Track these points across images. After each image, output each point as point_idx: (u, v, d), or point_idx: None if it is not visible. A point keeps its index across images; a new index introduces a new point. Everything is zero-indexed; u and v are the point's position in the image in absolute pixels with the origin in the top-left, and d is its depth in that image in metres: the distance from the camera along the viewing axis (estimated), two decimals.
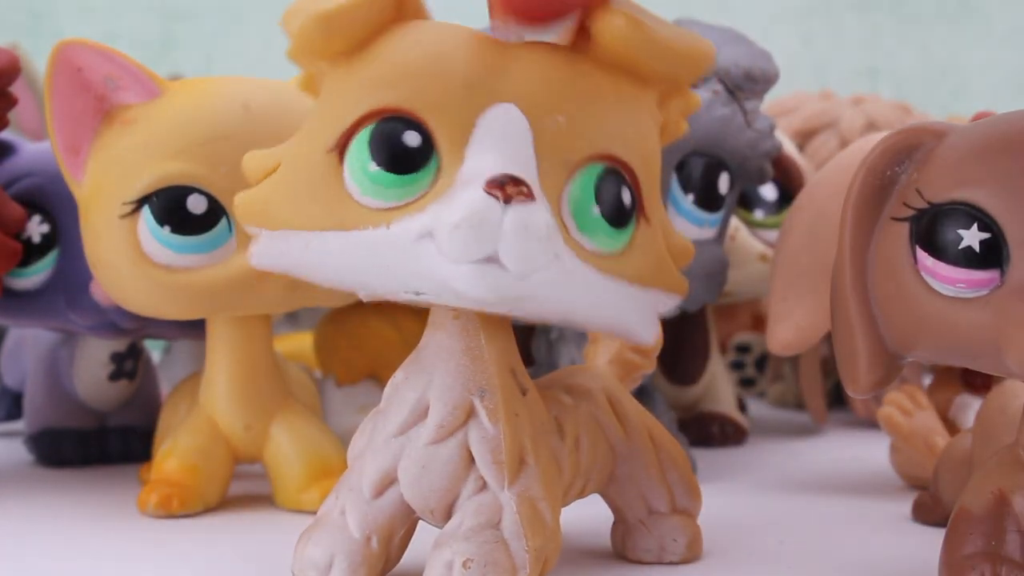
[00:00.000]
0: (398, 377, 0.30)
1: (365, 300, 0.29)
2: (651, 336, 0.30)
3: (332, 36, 0.28)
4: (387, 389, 0.30)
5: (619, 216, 0.28)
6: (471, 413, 0.29)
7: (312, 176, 0.28)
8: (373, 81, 0.28)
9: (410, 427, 0.29)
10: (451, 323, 0.29)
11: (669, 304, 0.30)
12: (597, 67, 0.29)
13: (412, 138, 0.27)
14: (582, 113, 0.28)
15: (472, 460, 0.29)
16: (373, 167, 0.27)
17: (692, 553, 0.34)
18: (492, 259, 0.26)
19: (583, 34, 0.29)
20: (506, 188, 0.26)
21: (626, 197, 0.28)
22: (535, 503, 0.28)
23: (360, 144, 0.27)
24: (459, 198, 0.26)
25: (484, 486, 0.28)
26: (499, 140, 0.27)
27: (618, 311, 0.29)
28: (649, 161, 0.30)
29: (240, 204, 0.29)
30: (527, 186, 0.26)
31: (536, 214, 0.26)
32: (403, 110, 0.27)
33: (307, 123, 0.29)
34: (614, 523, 0.34)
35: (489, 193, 0.26)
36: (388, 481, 0.29)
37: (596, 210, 0.28)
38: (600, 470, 0.33)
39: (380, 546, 0.29)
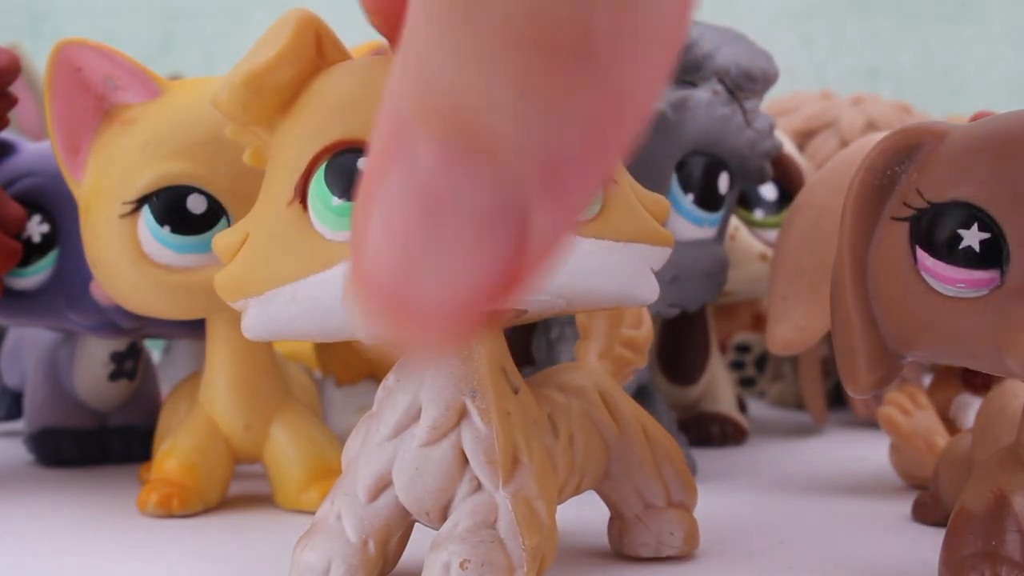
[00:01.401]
0: (389, 380, 0.30)
1: (368, 343, 0.29)
2: (652, 294, 0.30)
3: (262, 95, 0.29)
4: (379, 392, 0.30)
5: None
6: (463, 414, 0.29)
7: (281, 232, 0.28)
8: (315, 123, 0.28)
9: (403, 429, 0.29)
10: None
11: (660, 258, 0.30)
12: None
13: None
14: None
15: (466, 461, 0.29)
16: (336, 201, 0.28)
17: (689, 546, 0.34)
18: None
19: None
20: None
21: None
22: (530, 502, 0.28)
23: (318, 184, 0.28)
24: None
25: (479, 486, 0.28)
26: None
27: (610, 274, 0.29)
28: None
29: (220, 284, 0.30)
30: None
31: None
32: (352, 140, 0.28)
33: (263, 189, 0.30)
34: (610, 519, 0.34)
35: None
36: (383, 484, 0.29)
37: None
38: (595, 466, 0.33)
39: (377, 549, 0.29)
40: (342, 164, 0.28)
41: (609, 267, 0.29)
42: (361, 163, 0.27)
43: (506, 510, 0.28)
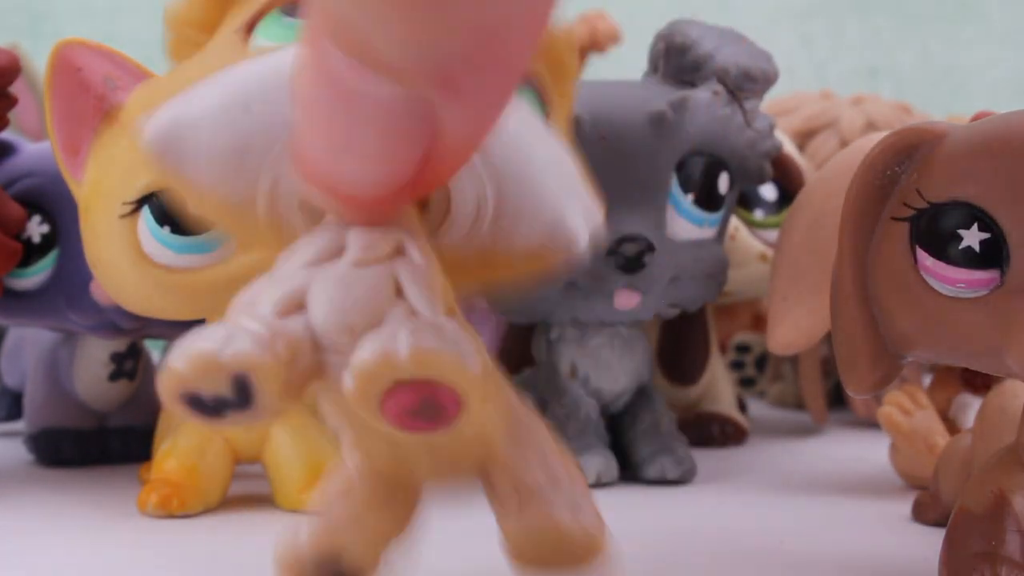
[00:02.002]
0: (297, 241, 0.25)
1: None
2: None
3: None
4: (279, 258, 0.26)
5: None
6: (400, 249, 0.24)
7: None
8: None
9: (325, 260, 0.24)
10: None
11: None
12: None
13: None
14: None
15: (399, 293, 0.24)
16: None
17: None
18: None
19: None
20: None
21: None
22: (472, 331, 0.24)
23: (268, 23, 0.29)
24: None
25: (412, 314, 0.23)
26: None
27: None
28: None
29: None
30: None
31: None
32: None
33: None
34: None
35: None
36: (293, 305, 0.24)
37: None
38: None
39: (287, 354, 0.23)
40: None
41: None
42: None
43: (452, 329, 0.23)
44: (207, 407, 0.22)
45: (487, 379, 0.23)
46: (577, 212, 0.27)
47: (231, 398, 0.22)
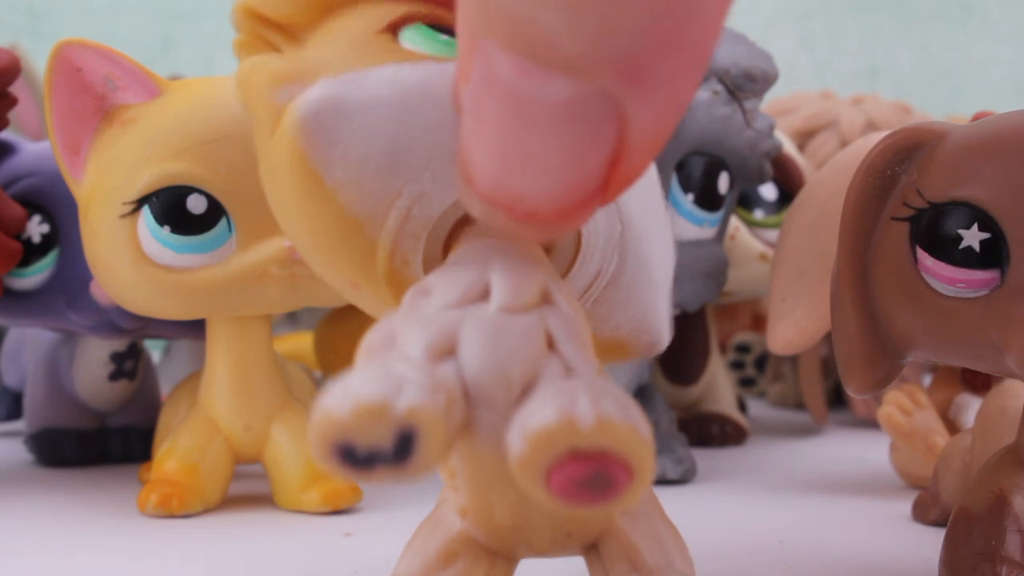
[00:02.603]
0: (429, 279, 0.22)
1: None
2: None
3: None
4: (407, 297, 0.23)
5: None
6: (547, 295, 0.22)
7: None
8: None
9: (471, 303, 0.22)
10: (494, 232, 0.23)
11: None
12: None
13: None
14: None
15: (551, 344, 0.22)
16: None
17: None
18: None
19: None
20: None
21: None
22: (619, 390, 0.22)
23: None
24: None
25: (568, 371, 0.21)
26: None
27: None
28: None
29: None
30: None
31: None
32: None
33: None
34: None
35: None
36: (443, 350, 0.21)
37: None
38: None
39: (447, 407, 0.21)
40: None
41: None
42: None
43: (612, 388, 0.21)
44: (358, 459, 0.20)
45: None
46: (667, 308, 0.25)
47: (389, 452, 0.20)
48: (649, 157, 0.20)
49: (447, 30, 0.24)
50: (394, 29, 0.24)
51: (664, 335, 0.25)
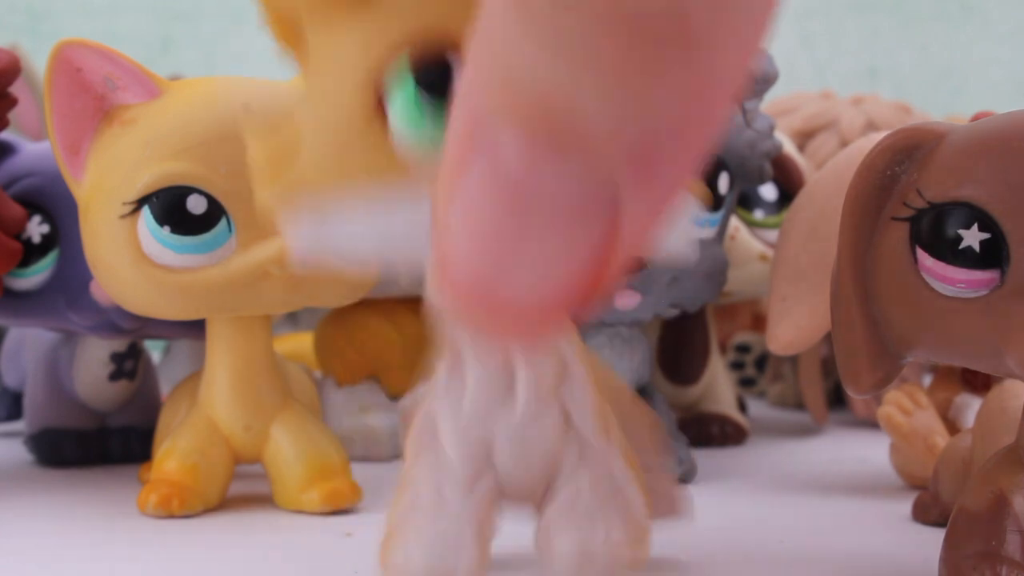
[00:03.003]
0: (466, 370, 0.26)
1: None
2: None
3: None
4: (442, 381, 0.26)
5: None
6: (563, 369, 0.25)
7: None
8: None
9: (499, 401, 0.25)
10: None
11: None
12: None
13: None
14: None
15: (569, 422, 0.25)
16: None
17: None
18: None
19: None
20: None
21: None
22: (630, 457, 0.26)
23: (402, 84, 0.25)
24: None
25: (585, 451, 0.25)
26: None
27: None
28: None
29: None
30: None
31: None
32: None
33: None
34: None
35: None
36: (482, 467, 0.25)
37: None
38: None
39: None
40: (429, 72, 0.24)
41: None
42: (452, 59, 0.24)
43: (620, 467, 0.25)
44: None
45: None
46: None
47: None
48: (629, 261, 0.19)
49: (435, 65, 0.24)
50: (379, 95, 0.24)
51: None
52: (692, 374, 0.58)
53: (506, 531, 0.27)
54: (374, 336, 0.52)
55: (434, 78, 0.24)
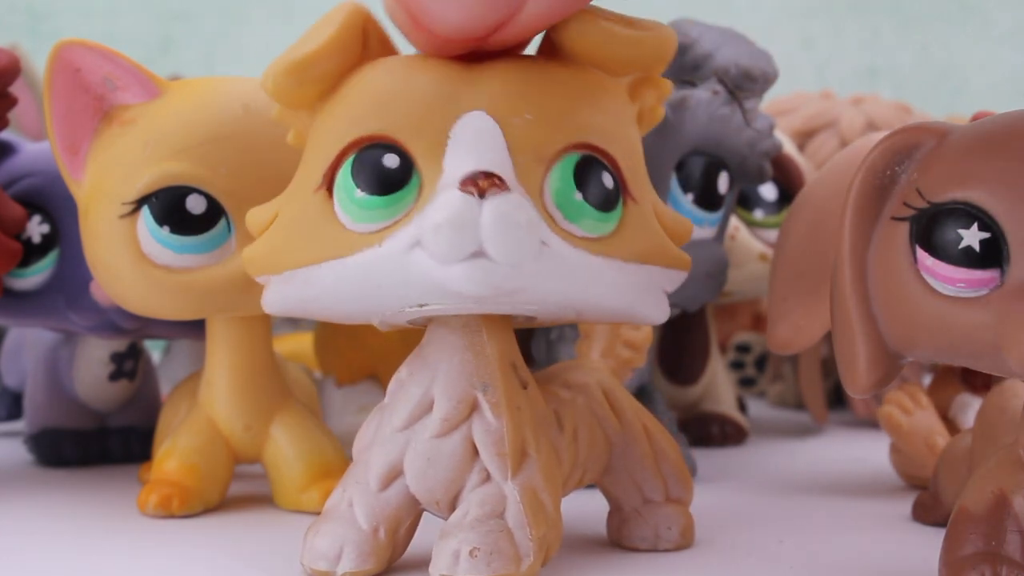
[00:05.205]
0: (402, 373, 0.31)
1: (381, 327, 0.31)
2: (662, 315, 0.31)
3: (304, 84, 0.30)
4: (391, 385, 0.31)
5: (604, 199, 0.29)
6: (474, 407, 0.29)
7: (306, 217, 0.29)
8: (349, 116, 0.29)
9: (415, 421, 0.30)
10: (454, 320, 0.30)
11: (674, 280, 0.31)
12: (563, 66, 0.30)
13: (391, 160, 0.28)
14: (550, 108, 0.29)
15: (476, 453, 0.29)
16: (359, 194, 0.28)
17: (685, 541, 0.34)
18: (479, 254, 0.27)
19: (547, 40, 0.31)
20: (479, 182, 0.27)
21: (607, 181, 0.29)
22: (537, 493, 0.29)
23: (344, 175, 0.29)
24: (438, 202, 0.27)
25: (488, 477, 0.29)
26: (471, 144, 0.28)
27: (619, 292, 0.29)
28: (628, 145, 0.31)
29: (247, 258, 0.31)
30: (499, 178, 0.27)
31: (513, 203, 0.27)
32: (378, 136, 0.29)
33: (299, 171, 0.31)
34: (610, 512, 0.35)
35: (464, 191, 0.27)
36: (394, 474, 0.30)
37: (579, 196, 0.29)
38: (597, 461, 0.33)
39: (387, 537, 0.30)
40: (367, 158, 0.29)
41: (618, 286, 0.29)
42: (388, 160, 0.28)
43: (514, 501, 0.29)
44: None
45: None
46: (650, 307, 0.31)
47: None
48: (548, 12, 0.25)
49: (381, 145, 0.29)
50: (329, 182, 0.29)
51: (653, 310, 0.31)
52: (692, 374, 0.58)
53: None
54: (373, 336, 0.52)
55: (371, 169, 0.28)
